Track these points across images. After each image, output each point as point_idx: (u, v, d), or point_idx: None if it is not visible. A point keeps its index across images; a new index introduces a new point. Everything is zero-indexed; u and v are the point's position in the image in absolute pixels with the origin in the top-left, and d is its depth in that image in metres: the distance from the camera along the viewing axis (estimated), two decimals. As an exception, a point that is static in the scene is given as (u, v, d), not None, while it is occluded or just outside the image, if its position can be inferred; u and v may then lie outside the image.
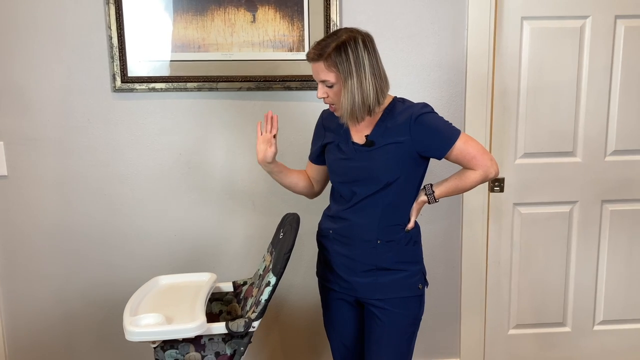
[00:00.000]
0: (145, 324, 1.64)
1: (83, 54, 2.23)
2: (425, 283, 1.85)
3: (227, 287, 2.00)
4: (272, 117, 1.84)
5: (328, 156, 1.86)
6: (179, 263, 2.40)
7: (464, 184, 1.78)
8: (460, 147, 1.72)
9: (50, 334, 2.42)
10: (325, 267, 1.90)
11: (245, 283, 1.98)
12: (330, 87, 1.69)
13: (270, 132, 1.84)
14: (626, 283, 2.62)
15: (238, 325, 1.68)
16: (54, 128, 2.27)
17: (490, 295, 2.58)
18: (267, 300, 1.71)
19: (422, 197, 1.80)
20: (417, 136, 1.71)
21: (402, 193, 1.77)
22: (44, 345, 2.42)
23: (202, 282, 1.92)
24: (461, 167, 1.78)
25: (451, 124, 1.76)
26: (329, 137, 1.85)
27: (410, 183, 1.78)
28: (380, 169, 1.73)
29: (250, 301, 1.84)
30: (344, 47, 1.65)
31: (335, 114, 1.76)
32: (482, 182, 1.77)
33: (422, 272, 1.85)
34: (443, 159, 1.76)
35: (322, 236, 1.90)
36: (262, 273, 1.88)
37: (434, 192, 1.80)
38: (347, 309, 1.89)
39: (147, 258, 2.40)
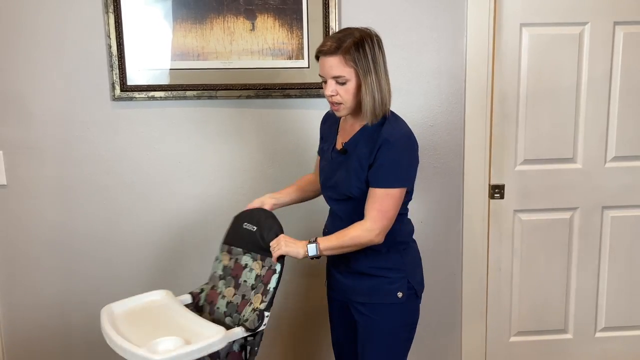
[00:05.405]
0: (164, 349, 1.56)
1: (82, 62, 2.23)
2: (410, 292, 1.78)
3: (186, 299, 1.90)
4: None
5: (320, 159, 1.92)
6: (182, 272, 2.39)
7: (344, 234, 1.69)
8: (383, 193, 1.65)
9: (49, 344, 2.41)
10: (327, 266, 1.94)
11: (202, 290, 1.94)
12: (343, 84, 1.64)
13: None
14: (627, 289, 2.61)
15: (253, 322, 1.68)
16: (54, 137, 2.27)
17: (491, 303, 2.57)
18: (275, 288, 1.73)
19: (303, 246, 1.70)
20: (375, 158, 1.66)
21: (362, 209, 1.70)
22: (42, 355, 2.41)
23: (160, 300, 1.83)
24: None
25: (410, 175, 1.71)
26: (323, 142, 1.90)
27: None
28: (344, 178, 1.73)
29: (222, 302, 1.84)
30: (362, 43, 1.62)
31: (337, 114, 1.71)
32: (359, 240, 1.67)
33: (407, 281, 1.77)
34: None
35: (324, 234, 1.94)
36: (221, 273, 1.89)
37: (318, 242, 1.69)
38: (338, 308, 1.92)
39: (148, 267, 2.39)
